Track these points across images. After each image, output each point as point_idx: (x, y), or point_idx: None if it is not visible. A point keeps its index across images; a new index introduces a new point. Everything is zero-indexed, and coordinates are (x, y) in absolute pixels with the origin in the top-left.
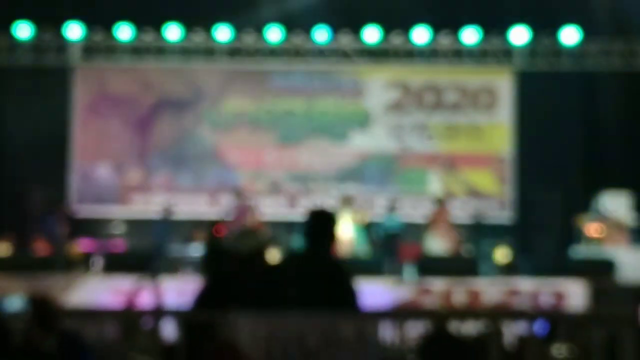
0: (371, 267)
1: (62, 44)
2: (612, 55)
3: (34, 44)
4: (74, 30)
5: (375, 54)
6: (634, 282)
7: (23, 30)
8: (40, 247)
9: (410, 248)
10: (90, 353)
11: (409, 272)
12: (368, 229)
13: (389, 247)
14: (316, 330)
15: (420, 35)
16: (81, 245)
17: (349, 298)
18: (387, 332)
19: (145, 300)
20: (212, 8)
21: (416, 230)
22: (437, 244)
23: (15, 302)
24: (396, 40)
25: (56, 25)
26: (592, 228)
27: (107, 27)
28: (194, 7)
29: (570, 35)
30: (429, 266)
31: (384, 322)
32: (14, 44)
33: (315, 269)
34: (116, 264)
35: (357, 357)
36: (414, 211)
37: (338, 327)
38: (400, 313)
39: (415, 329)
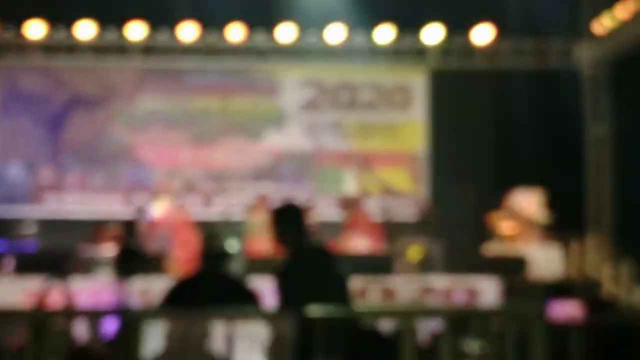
0: None
1: None
2: (524, 54)
3: None
4: None
5: (290, 53)
6: (545, 279)
7: None
8: None
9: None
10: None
11: None
12: None
13: None
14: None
15: (335, 34)
16: None
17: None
18: None
19: (55, 301)
20: (125, 6)
21: (331, 229)
22: (357, 243)
23: None
24: (310, 38)
25: None
26: (504, 226)
27: (18, 24)
28: (106, 4)
29: (482, 34)
30: (344, 264)
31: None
32: None
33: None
34: (28, 264)
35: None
36: (328, 210)
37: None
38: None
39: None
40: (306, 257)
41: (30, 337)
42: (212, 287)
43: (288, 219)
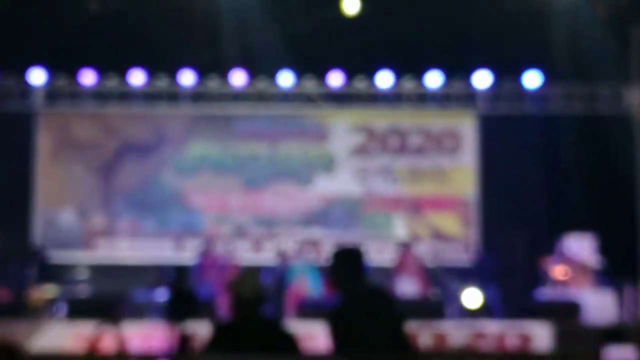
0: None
1: (25, 90)
2: (573, 99)
3: None
4: (37, 76)
5: (339, 98)
6: (598, 324)
7: None
8: (1, 294)
9: None
10: None
11: None
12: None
13: None
14: None
15: (384, 79)
16: (45, 291)
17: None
18: None
19: (108, 345)
20: (176, 53)
21: (381, 274)
22: (407, 287)
23: None
24: (360, 84)
25: (19, 71)
26: (557, 270)
27: (71, 72)
28: (157, 52)
29: (532, 79)
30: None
31: None
32: None
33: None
34: (80, 309)
35: None
36: (379, 255)
37: None
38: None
39: None
40: (362, 300)
41: None
42: (250, 332)
43: (346, 263)
